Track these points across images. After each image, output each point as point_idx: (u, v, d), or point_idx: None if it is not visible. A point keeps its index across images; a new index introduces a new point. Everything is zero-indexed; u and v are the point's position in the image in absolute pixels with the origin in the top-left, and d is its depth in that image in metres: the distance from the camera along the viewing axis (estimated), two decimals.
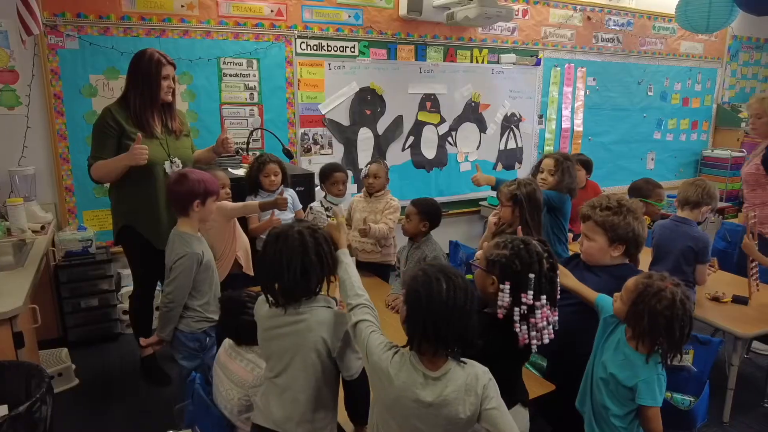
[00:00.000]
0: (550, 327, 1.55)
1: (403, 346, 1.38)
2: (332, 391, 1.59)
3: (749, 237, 2.70)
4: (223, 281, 2.49)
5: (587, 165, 3.90)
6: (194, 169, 2.38)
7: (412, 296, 1.35)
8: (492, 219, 2.65)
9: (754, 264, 2.76)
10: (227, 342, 1.91)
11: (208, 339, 2.29)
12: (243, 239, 2.85)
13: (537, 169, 3.09)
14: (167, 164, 2.72)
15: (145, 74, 2.65)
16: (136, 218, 2.73)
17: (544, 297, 1.54)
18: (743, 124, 6.02)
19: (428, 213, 2.75)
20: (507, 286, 1.54)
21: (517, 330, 1.53)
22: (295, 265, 1.49)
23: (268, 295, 1.55)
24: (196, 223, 2.27)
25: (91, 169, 2.67)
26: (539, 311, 1.53)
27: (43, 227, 3.11)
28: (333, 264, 1.59)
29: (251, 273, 2.79)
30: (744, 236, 2.73)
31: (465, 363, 1.37)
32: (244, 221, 2.93)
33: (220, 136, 2.91)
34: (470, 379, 1.33)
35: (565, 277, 1.94)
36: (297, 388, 1.53)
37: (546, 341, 1.55)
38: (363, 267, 3.13)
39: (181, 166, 2.74)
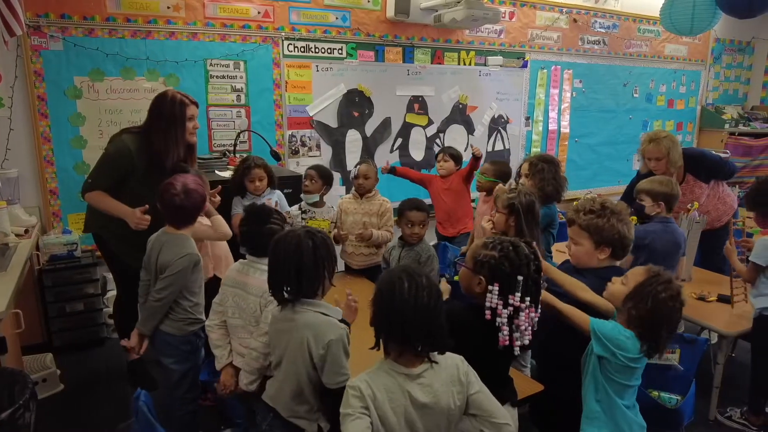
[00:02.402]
0: (530, 328, 1.57)
1: (372, 348, 1.39)
2: (315, 391, 1.65)
3: (731, 243, 2.71)
4: None
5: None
6: (186, 179, 2.23)
7: (377, 297, 1.37)
8: (486, 225, 2.44)
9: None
10: (236, 265, 2.09)
11: (198, 340, 2.28)
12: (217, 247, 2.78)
13: (518, 173, 3.08)
14: None
15: (170, 116, 2.67)
16: (112, 236, 2.72)
17: (529, 298, 1.55)
18: (726, 126, 6.11)
19: (429, 213, 2.77)
20: (495, 288, 1.55)
21: (502, 331, 1.53)
22: (290, 267, 1.62)
23: (276, 296, 1.67)
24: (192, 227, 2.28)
25: (87, 193, 2.64)
26: (523, 313, 1.54)
27: (27, 231, 3.06)
28: (331, 268, 1.69)
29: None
30: (726, 241, 2.74)
31: (441, 356, 1.39)
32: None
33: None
34: (452, 370, 1.37)
35: (583, 291, 1.89)
36: (284, 379, 1.69)
37: (526, 342, 1.56)
38: (355, 273, 3.14)
39: None
